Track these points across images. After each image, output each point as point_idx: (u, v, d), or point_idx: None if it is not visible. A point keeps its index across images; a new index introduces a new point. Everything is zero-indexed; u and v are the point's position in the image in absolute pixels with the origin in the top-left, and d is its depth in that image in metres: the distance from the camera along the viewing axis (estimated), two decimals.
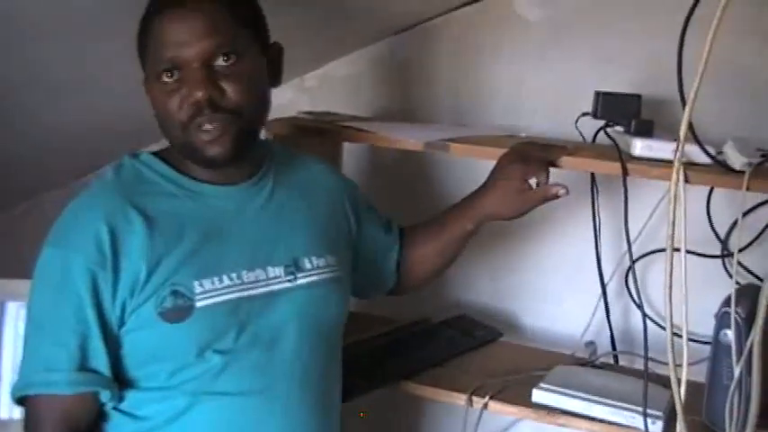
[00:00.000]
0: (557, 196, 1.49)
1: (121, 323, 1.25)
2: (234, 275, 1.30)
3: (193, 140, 1.27)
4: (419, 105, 2.06)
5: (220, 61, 1.26)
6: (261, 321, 1.31)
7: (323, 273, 1.40)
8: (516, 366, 1.72)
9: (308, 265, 1.38)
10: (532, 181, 1.49)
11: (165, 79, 1.25)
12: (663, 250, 1.79)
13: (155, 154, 1.36)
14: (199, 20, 1.25)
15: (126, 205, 1.26)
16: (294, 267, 1.36)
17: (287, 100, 2.12)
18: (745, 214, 1.51)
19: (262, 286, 1.32)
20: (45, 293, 1.25)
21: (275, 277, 1.34)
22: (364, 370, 1.67)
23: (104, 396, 1.25)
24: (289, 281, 1.35)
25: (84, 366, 1.23)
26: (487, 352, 1.85)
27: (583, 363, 1.77)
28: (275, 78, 1.40)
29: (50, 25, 1.34)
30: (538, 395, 1.57)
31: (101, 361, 1.24)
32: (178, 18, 1.25)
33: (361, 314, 2.06)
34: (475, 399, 1.60)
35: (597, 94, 1.61)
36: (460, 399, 1.62)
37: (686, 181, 1.36)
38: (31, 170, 1.89)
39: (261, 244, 1.35)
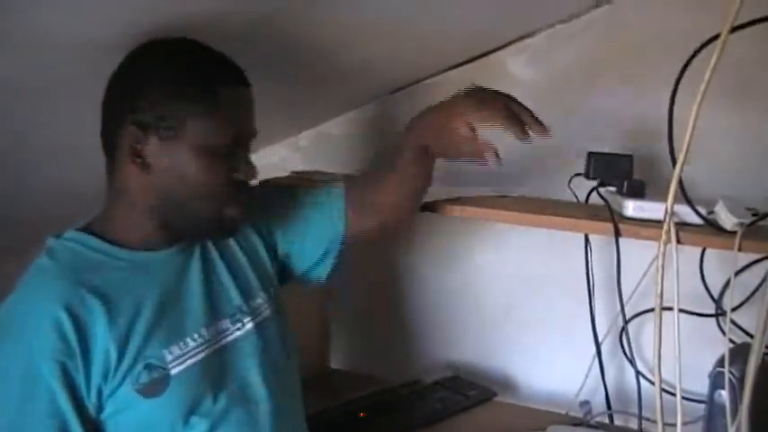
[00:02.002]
0: (485, 161, 1.37)
1: (100, 409, 1.20)
2: (196, 335, 1.28)
3: (223, 213, 1.28)
4: None
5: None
6: (230, 373, 1.30)
7: (261, 312, 1.39)
8: (511, 426, 1.72)
9: (245, 308, 1.37)
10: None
11: (220, 150, 1.25)
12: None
13: (78, 230, 1.29)
14: (253, 105, 1.30)
15: (79, 288, 1.20)
16: (240, 314, 1.36)
17: (280, 158, 2.13)
18: (737, 273, 1.51)
19: (222, 339, 1.32)
20: (9, 395, 1.16)
21: (227, 329, 1.33)
22: (357, 430, 1.66)
23: None
24: (238, 329, 1.34)
25: None
26: (481, 412, 1.84)
27: (577, 422, 1.76)
28: None
29: (38, 89, 1.34)
30: None
31: None
32: (245, 96, 1.29)
33: (352, 374, 2.06)
34: None
35: (590, 154, 1.63)
36: None
37: (678, 242, 1.37)
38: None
39: (208, 299, 1.33)
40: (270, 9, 1.33)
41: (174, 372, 1.23)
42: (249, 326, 1.36)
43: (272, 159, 1.74)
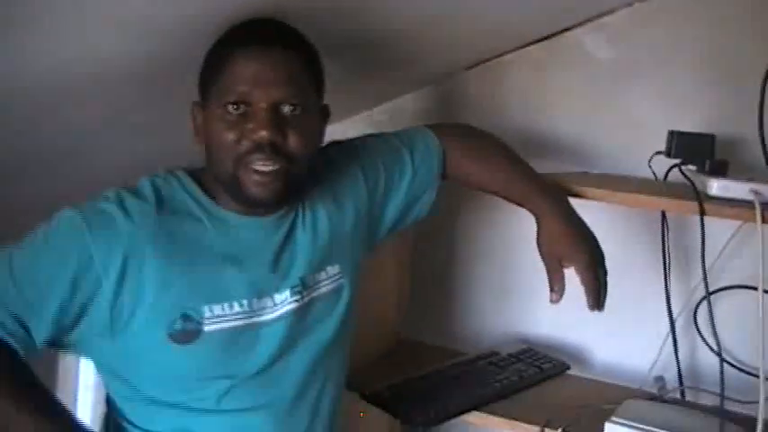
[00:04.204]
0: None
1: (132, 315, 1.25)
2: (245, 302, 1.32)
3: (243, 177, 1.28)
4: None
5: (287, 109, 1.28)
6: (265, 345, 1.34)
7: (318, 288, 1.42)
8: (584, 400, 1.74)
9: (303, 284, 1.39)
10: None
11: (231, 110, 1.26)
12: (733, 287, 1.82)
13: (190, 173, 1.37)
14: (281, 65, 1.27)
15: (151, 236, 1.26)
16: (293, 290, 1.37)
17: (357, 132, 2.15)
18: None
19: (269, 312, 1.35)
20: (41, 241, 1.25)
21: (282, 301, 1.36)
22: (435, 400, 1.70)
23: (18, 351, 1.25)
24: (296, 300, 1.37)
25: (20, 321, 1.23)
26: (555, 385, 1.88)
27: (653, 397, 1.78)
28: (319, 138, 1.42)
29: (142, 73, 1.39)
30: (611, 429, 1.58)
31: (39, 330, 1.24)
32: (262, 57, 1.27)
33: (428, 345, 2.10)
34: (548, 431, 1.62)
35: (671, 133, 1.64)
36: (533, 431, 1.64)
37: (764, 221, 1.39)
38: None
39: (274, 272, 1.36)
40: None
41: (207, 329, 1.29)
42: (295, 305, 1.37)
43: (350, 134, 1.77)
